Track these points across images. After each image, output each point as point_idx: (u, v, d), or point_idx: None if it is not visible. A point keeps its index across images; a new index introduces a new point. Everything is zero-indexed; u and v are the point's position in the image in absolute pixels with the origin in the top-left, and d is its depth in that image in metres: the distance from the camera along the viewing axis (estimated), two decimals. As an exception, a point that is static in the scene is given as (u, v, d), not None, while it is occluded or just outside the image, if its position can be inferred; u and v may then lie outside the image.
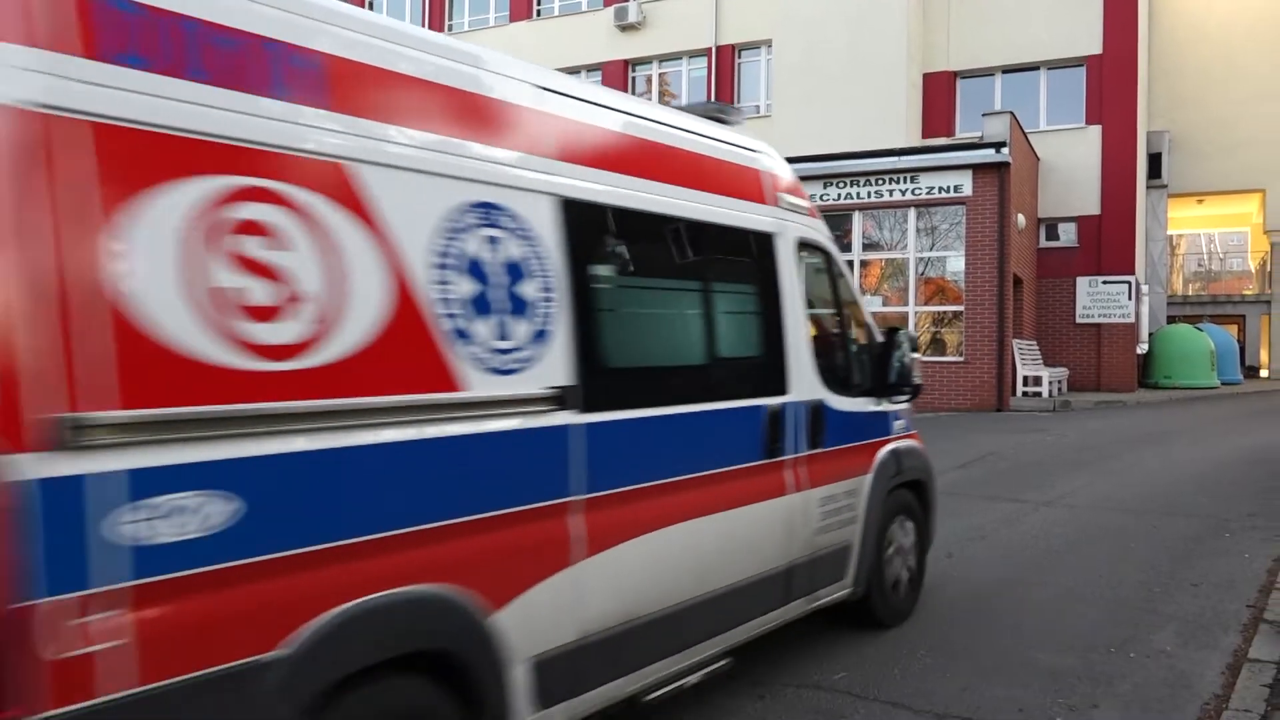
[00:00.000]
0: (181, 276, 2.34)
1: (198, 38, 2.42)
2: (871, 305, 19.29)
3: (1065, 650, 5.15)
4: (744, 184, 4.61)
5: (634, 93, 28.63)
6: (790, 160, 15.28)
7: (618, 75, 28.37)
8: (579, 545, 3.41)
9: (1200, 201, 28.71)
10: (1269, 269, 28.01)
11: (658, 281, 4.19)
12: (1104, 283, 22.30)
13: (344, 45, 2.79)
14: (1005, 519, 8.52)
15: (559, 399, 3.35)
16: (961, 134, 23.02)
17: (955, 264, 18.59)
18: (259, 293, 2.50)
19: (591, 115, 3.76)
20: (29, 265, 2.09)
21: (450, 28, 31.21)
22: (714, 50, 26.91)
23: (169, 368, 2.30)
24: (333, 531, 2.65)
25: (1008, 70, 23.66)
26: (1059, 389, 20.27)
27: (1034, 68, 23.40)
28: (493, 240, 3.17)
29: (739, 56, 27.02)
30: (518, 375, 3.22)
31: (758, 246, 4.60)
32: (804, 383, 4.76)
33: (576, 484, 3.41)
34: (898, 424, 5.65)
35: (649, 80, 28.57)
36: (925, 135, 23.61)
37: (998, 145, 18.25)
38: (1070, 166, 22.50)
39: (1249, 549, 7.30)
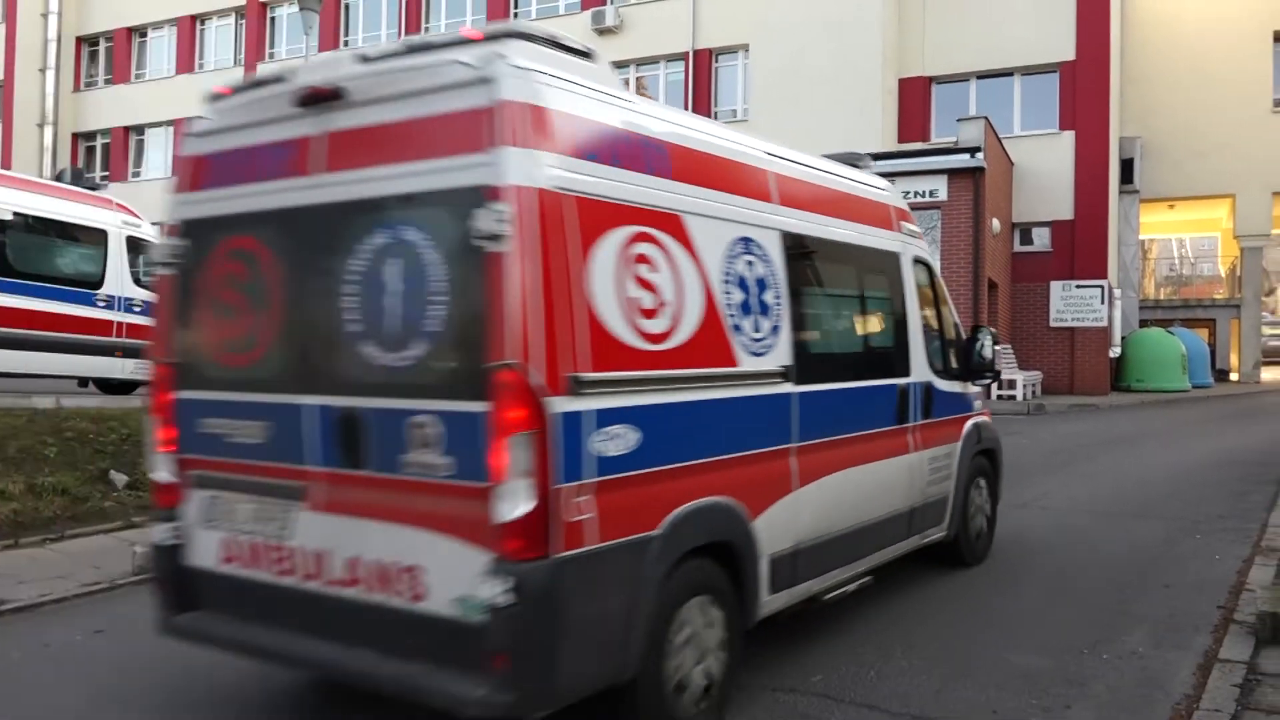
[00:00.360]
0: (615, 289, 3.70)
1: (617, 141, 3.87)
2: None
3: (1039, 651, 5.19)
4: (879, 216, 6.06)
5: (611, 96, 28.64)
6: None
7: (595, 79, 28.39)
8: (795, 478, 4.77)
9: (1171, 207, 29.03)
10: (1239, 274, 28.36)
11: (831, 290, 5.51)
12: (1077, 287, 22.52)
13: (677, 138, 4.24)
14: (980, 521, 8.57)
15: (785, 374, 4.71)
16: (937, 139, 23.19)
17: (931, 268, 18.68)
18: (646, 300, 3.86)
19: (792, 169, 5.13)
20: (559, 283, 3.44)
21: (427, 29, 31.11)
22: (691, 54, 26.96)
23: (611, 347, 3.66)
24: (682, 455, 4.02)
25: (982, 76, 23.88)
26: (1033, 392, 20.44)
27: (1008, 73, 23.62)
28: (749, 263, 4.52)
29: (716, 61, 27.09)
30: (764, 357, 4.57)
31: (890, 263, 6.05)
32: (920, 367, 6.19)
33: (794, 434, 4.79)
34: (976, 403, 7.12)
35: (626, 84, 28.56)
36: (901, 140, 23.77)
37: (972, 150, 18.40)
38: (1044, 172, 22.71)
39: (1219, 550, 7.39)
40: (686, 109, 27.03)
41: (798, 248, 4.95)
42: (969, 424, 6.89)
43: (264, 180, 4.05)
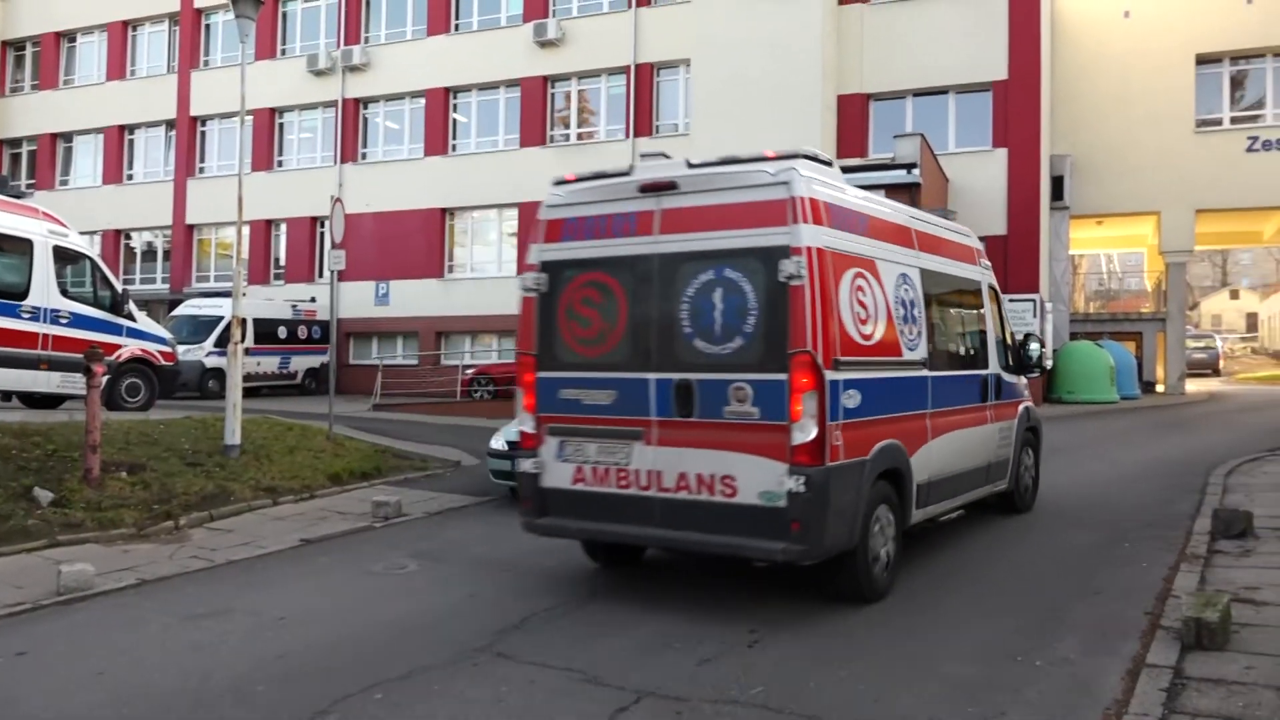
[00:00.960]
0: (849, 307, 6.06)
1: (846, 215, 6.26)
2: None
3: (975, 660, 5.27)
4: (969, 254, 8.73)
5: (553, 109, 28.65)
6: None
7: (536, 91, 28.36)
8: (929, 433, 7.17)
9: (1100, 223, 29.80)
10: (1164, 288, 29.17)
11: (945, 306, 7.98)
12: (1011, 300, 22.94)
13: (870, 211, 6.75)
14: (917, 532, 8.69)
15: (925, 364, 7.17)
16: (875, 155, 23.54)
17: (869, 282, 18.94)
18: (861, 313, 6.24)
19: (922, 225, 7.70)
20: (826, 303, 5.79)
21: (367, 39, 30.86)
22: (633, 68, 27.09)
23: (848, 342, 6.01)
24: (879, 410, 6.38)
25: (918, 94, 24.33)
26: (968, 404, 20.74)
27: (943, 92, 24.11)
28: (906, 290, 6.95)
29: (658, 75, 27.25)
30: (914, 351, 6.99)
31: (975, 288, 8.73)
32: (994, 362, 8.78)
33: (929, 404, 7.19)
34: (1025, 391, 9.71)
35: (568, 97, 28.61)
36: (840, 155, 24.07)
37: (909, 166, 18.72)
38: (978, 188, 23.19)
39: (1147, 558, 7.57)
40: (628, 122, 27.15)
41: (929, 278, 7.48)
42: (1021, 406, 9.43)
43: (613, 236, 6.50)
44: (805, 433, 5.74)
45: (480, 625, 6.06)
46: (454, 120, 30.05)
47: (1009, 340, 9.25)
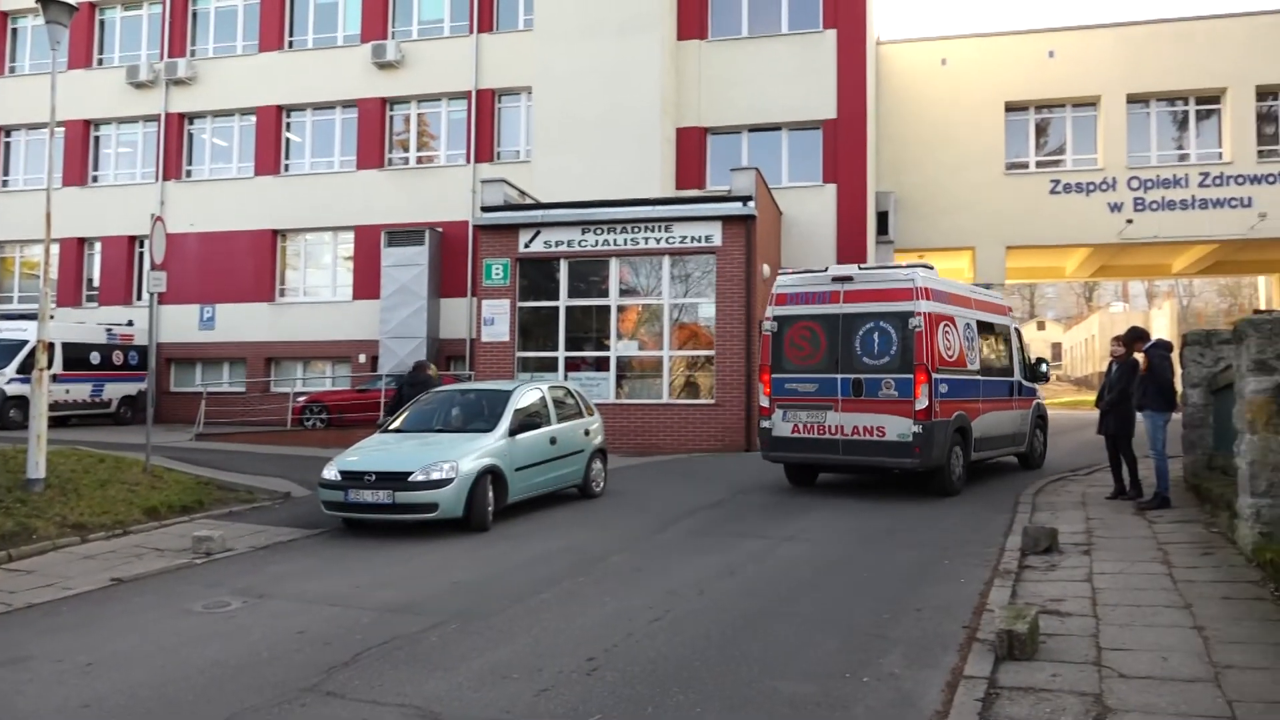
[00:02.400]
0: (941, 342, 12.32)
1: (937, 291, 12.57)
2: (628, 350, 19.76)
3: (805, 678, 5.42)
4: (1002, 310, 15.00)
5: (391, 131, 28.15)
6: (549, 206, 16.19)
7: (374, 113, 27.81)
8: (980, 411, 13.19)
9: (921, 257, 31.32)
10: (979, 319, 30.97)
11: (989, 341, 13.98)
12: (840, 330, 23.95)
13: (949, 287, 13.32)
14: (753, 555, 8.90)
15: (978, 373, 13.24)
16: (712, 187, 24.16)
17: (707, 310, 19.40)
18: (945, 345, 12.41)
19: (978, 294, 14.29)
20: (931, 340, 12.08)
21: (193, 52, 29.55)
22: (474, 94, 26.93)
23: (941, 360, 12.24)
24: (955, 396, 12.52)
25: (753, 129, 25.14)
26: (802, 429, 21.47)
27: (777, 128, 24.99)
28: (969, 332, 13.18)
29: (499, 101, 27.18)
30: (972, 365, 13.10)
31: (1007, 330, 14.79)
32: (1017, 373, 14.72)
33: (980, 395, 13.26)
34: (1038, 391, 15.70)
35: (407, 119, 28.17)
36: (679, 187, 24.60)
37: (744, 199, 19.27)
38: (810, 221, 24.11)
39: (964, 574, 7.98)
40: (469, 147, 26.95)
41: (981, 325, 13.56)
42: (1034, 401, 15.45)
43: (817, 304, 12.66)
44: (921, 404, 11.84)
45: (309, 664, 5.81)
46: (287, 139, 29.09)
47: (1027, 360, 15.33)
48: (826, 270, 12.89)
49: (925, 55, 28.86)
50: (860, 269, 12.81)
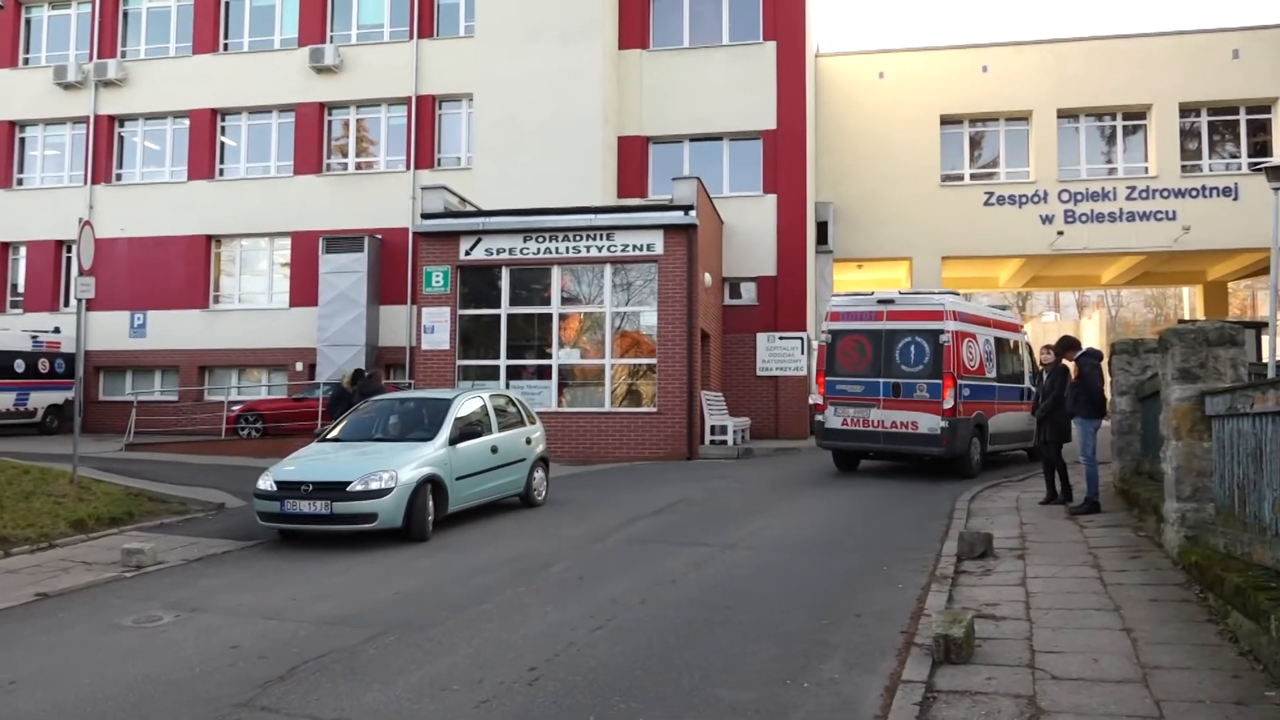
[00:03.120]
0: (965, 353, 15.23)
1: (962, 313, 15.66)
2: (570, 358, 19.72)
3: (746, 685, 5.44)
4: (1015, 328, 18.26)
5: (331, 137, 27.80)
6: (490, 213, 16.18)
7: (312, 118, 27.44)
8: (995, 411, 16.19)
9: (860, 266, 31.85)
10: (916, 328, 31.46)
11: (1005, 354, 16.99)
12: (781, 338, 24.18)
13: (971, 309, 16.54)
14: (694, 563, 8.92)
15: (995, 380, 16.30)
16: (654, 196, 24.25)
17: (649, 318, 19.44)
18: (969, 355, 15.40)
19: (996, 314, 17.46)
20: (958, 352, 15.01)
21: (124, 53, 28.89)
22: (414, 99, 26.71)
23: (965, 369, 15.18)
24: (976, 398, 15.55)
25: (695, 139, 25.29)
26: (742, 437, 21.61)
27: (718, 138, 25.17)
28: (987, 345, 16.17)
29: (440, 108, 26.99)
30: (990, 373, 16.14)
31: (1020, 344, 17.97)
32: (1026, 380, 17.46)
33: (995, 398, 16.25)
34: None
35: (346, 125, 27.83)
36: (620, 195, 24.65)
37: (686, 208, 19.37)
38: (750, 230, 24.31)
39: (902, 579, 8.09)
40: (409, 154, 26.72)
41: (998, 341, 16.62)
42: None
43: (864, 320, 15.60)
44: (948, 404, 14.56)
45: (243, 679, 5.69)
46: (222, 143, 28.55)
47: (1036, 369, 17.04)
48: (872, 294, 15.90)
49: (863, 68, 29.29)
50: (900, 294, 15.83)
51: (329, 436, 11.86)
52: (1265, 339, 25.08)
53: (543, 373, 19.77)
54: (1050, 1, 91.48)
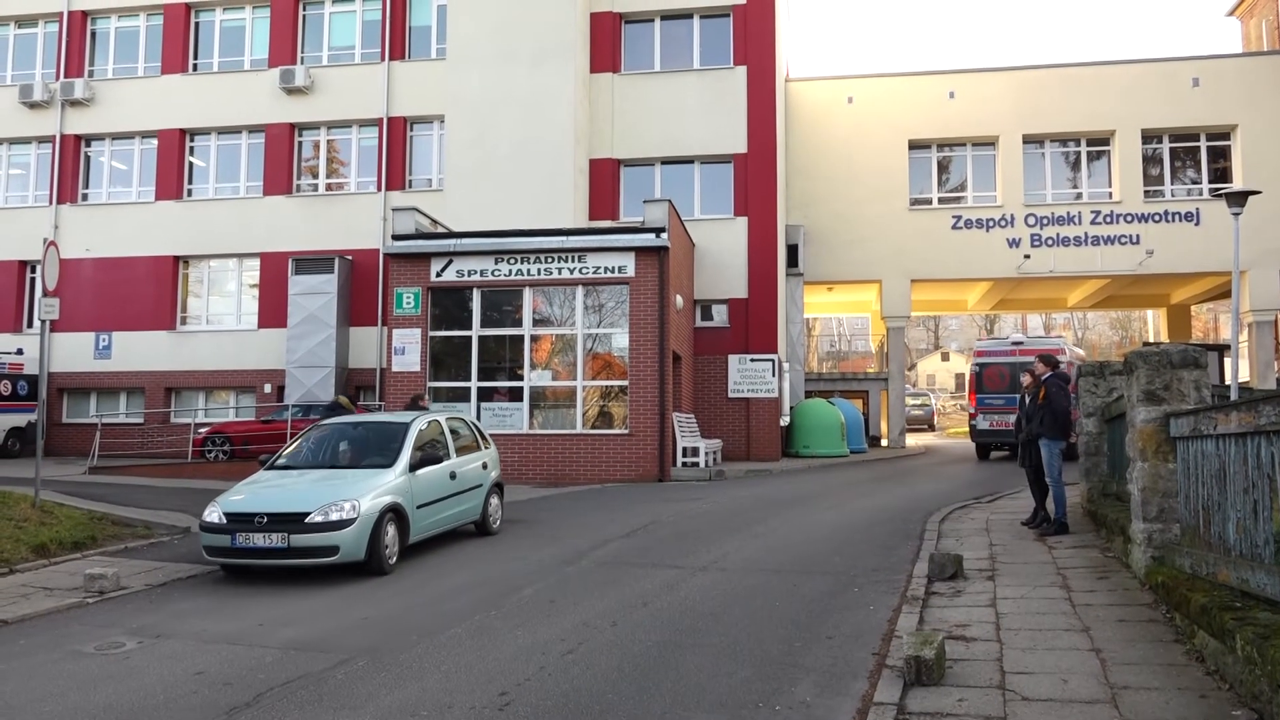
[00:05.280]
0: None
1: (1070, 349, 25.94)
2: (542, 379, 19.68)
3: (718, 708, 5.42)
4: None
5: (301, 158, 27.69)
6: (461, 235, 16.18)
7: (283, 139, 27.33)
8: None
9: (830, 289, 32.11)
10: (885, 350, 31.76)
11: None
12: (752, 360, 24.26)
13: (1074, 349, 27.88)
14: (666, 585, 8.90)
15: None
16: (625, 218, 24.33)
17: (621, 340, 19.45)
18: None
19: (1078, 350, 30.53)
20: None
21: (91, 73, 28.69)
22: (385, 121, 26.69)
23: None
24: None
25: (666, 161, 25.42)
26: (714, 459, 21.62)
27: (689, 161, 25.33)
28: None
29: (411, 129, 26.98)
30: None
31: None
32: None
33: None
34: None
35: (316, 146, 27.74)
36: (592, 217, 24.70)
37: (657, 230, 19.44)
38: (721, 253, 24.43)
39: (874, 601, 8.11)
40: (379, 175, 26.67)
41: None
42: None
43: (1002, 356, 25.02)
44: None
45: (207, 706, 5.60)
46: (190, 164, 28.36)
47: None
48: (1008, 337, 25.02)
49: (832, 93, 29.61)
50: (1028, 336, 24.30)
51: (277, 464, 11.20)
52: (1228, 361, 25.59)
53: (514, 395, 19.70)
54: (1015, 29, 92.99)
